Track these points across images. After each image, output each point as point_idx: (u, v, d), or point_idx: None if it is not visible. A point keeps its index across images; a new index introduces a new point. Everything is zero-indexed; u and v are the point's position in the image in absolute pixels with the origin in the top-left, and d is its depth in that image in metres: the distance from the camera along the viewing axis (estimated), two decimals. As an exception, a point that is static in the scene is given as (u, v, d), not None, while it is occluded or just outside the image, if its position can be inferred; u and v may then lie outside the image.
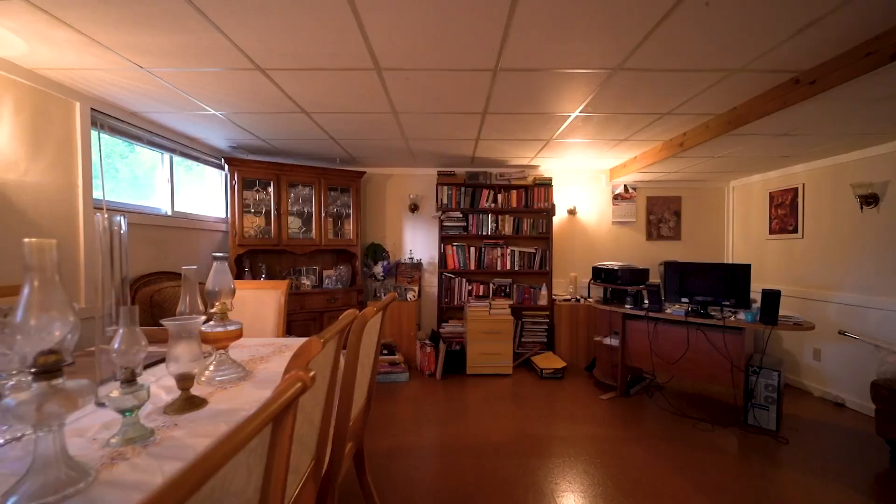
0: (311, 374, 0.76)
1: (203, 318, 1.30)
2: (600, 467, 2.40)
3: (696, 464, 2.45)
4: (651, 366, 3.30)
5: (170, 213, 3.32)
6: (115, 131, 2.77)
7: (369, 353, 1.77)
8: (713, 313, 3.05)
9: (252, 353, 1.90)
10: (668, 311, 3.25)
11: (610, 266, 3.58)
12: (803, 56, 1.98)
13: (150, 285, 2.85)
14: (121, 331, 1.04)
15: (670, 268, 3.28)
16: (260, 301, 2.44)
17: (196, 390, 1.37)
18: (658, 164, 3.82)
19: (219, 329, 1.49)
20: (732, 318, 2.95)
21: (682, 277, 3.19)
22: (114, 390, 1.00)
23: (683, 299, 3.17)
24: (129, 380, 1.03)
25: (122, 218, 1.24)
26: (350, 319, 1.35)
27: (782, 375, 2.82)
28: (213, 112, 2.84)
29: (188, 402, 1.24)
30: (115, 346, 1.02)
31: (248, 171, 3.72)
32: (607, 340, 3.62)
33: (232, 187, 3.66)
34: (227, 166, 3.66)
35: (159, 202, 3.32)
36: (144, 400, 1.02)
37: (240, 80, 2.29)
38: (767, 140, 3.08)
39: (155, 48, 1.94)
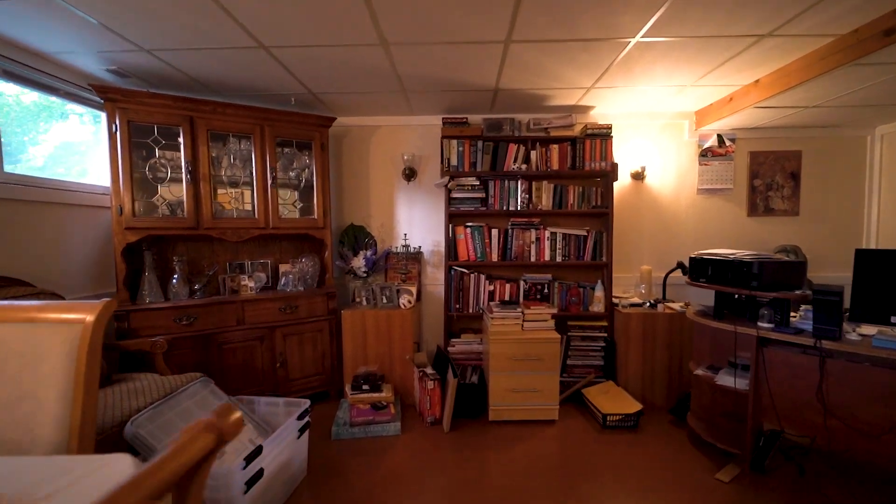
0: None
1: None
2: None
3: None
4: (824, 432, 1.88)
5: (-8, 175, 1.99)
6: None
7: None
8: (966, 347, 1.61)
9: None
10: (854, 336, 1.82)
11: (733, 256, 2.14)
12: None
13: None
14: None
15: (865, 260, 1.82)
16: (31, 350, 1.08)
17: None
18: (802, 88, 2.31)
19: None
20: None
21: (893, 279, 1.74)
22: None
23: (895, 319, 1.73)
24: None
25: None
26: None
27: None
28: (-9, -37, 1.45)
29: None
30: None
31: (140, 109, 2.34)
32: (722, 379, 2.20)
33: (112, 135, 2.30)
34: (103, 102, 2.29)
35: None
36: None
37: None
38: None
39: None
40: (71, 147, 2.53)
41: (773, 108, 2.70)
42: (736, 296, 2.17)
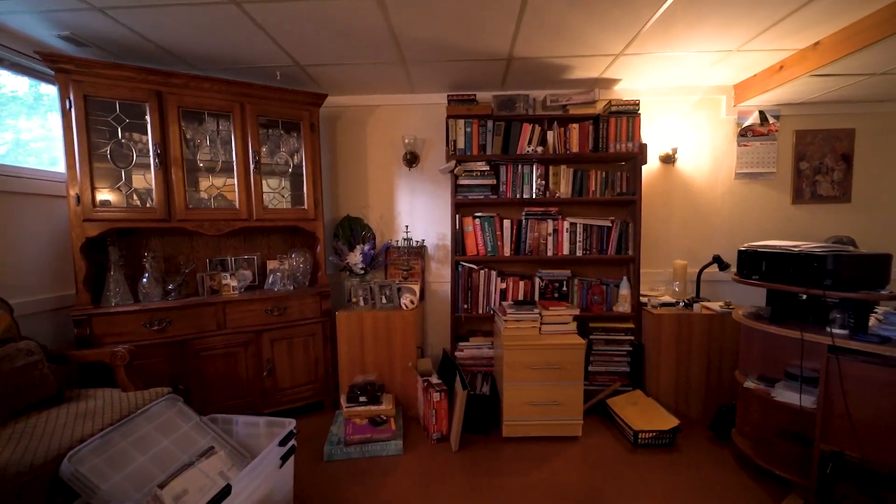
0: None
1: None
2: None
3: None
4: (917, 466, 1.55)
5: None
6: None
7: None
8: None
9: None
10: (960, 347, 1.48)
11: (797, 249, 1.79)
12: None
13: None
14: None
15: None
16: None
17: None
18: (878, 48, 1.94)
19: None
20: None
21: None
22: None
23: None
24: None
25: None
26: None
27: None
28: None
29: None
30: None
31: (99, 82, 2.02)
32: (781, 394, 1.87)
33: (66, 112, 1.98)
34: (54, 74, 1.97)
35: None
36: None
37: None
38: None
39: None
40: (48, 137, 2.24)
41: (832, 76, 2.32)
42: (804, 296, 1.81)
